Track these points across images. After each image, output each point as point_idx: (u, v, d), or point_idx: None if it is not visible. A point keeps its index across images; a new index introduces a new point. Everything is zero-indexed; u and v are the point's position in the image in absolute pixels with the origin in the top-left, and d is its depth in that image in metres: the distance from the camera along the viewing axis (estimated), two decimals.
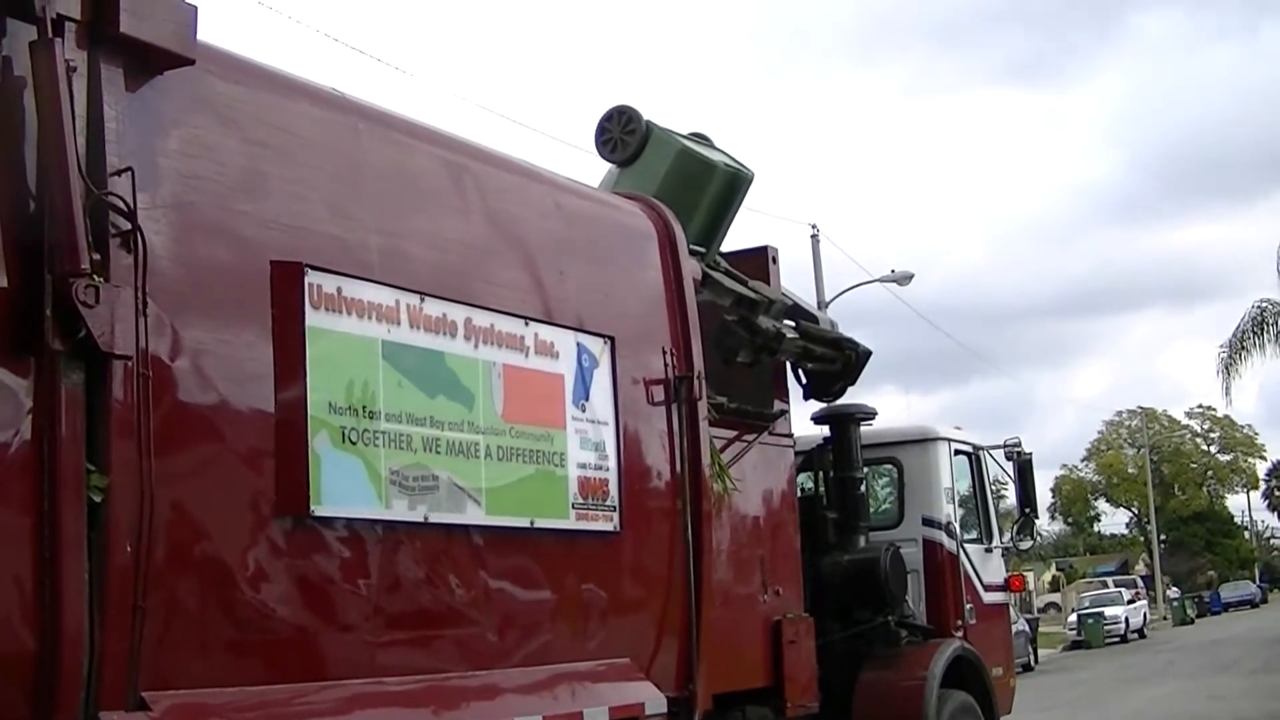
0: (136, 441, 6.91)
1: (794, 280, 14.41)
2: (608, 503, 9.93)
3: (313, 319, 7.88)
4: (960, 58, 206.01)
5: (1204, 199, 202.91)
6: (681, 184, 12.48)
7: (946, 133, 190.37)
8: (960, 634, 15.51)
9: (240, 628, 7.54)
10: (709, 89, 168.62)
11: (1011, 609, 20.80)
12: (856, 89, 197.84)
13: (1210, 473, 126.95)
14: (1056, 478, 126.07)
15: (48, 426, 6.63)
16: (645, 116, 12.75)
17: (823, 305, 44.50)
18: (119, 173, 6.99)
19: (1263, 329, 51.24)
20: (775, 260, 13.65)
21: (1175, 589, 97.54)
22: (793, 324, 13.74)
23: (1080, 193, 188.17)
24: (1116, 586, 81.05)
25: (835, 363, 14.52)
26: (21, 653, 6.52)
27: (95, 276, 6.73)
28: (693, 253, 12.08)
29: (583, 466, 9.75)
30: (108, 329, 6.74)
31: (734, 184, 13.08)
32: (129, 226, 6.98)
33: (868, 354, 14.72)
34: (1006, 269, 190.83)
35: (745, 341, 12.44)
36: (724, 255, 13.25)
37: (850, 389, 14.91)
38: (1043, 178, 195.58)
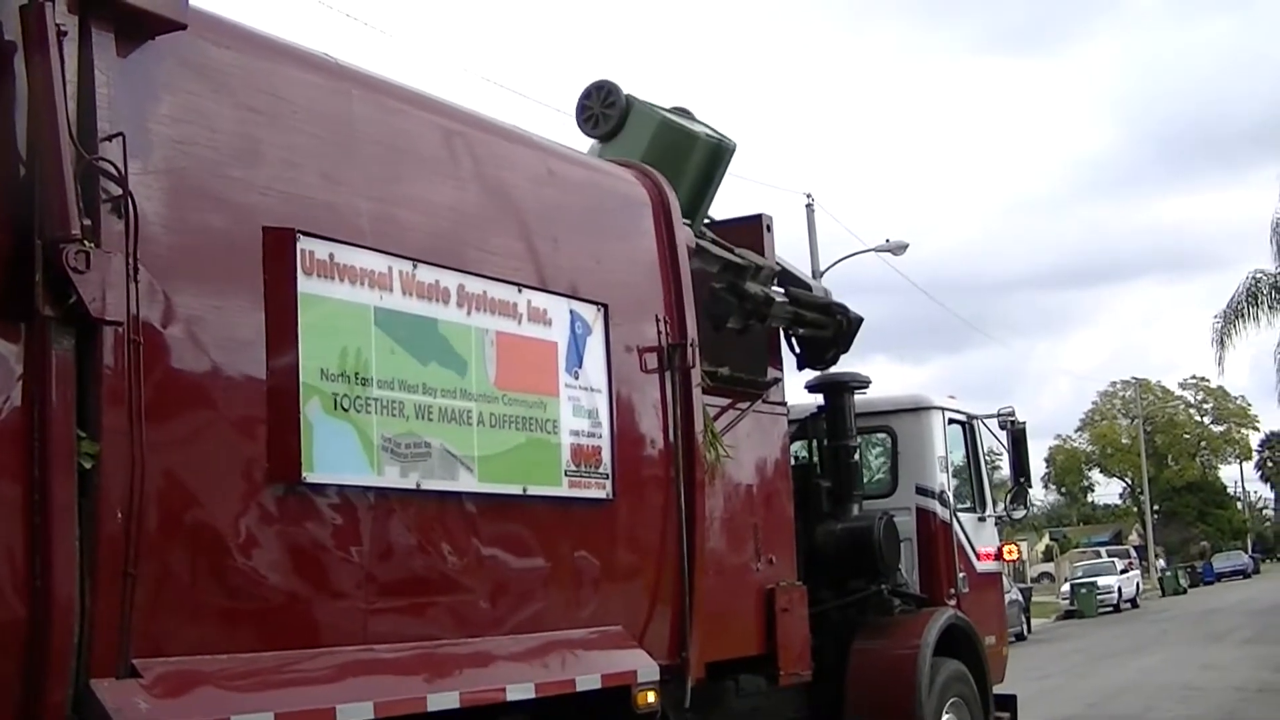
0: (127, 408, 6.88)
1: (789, 250, 14.36)
2: (600, 470, 9.91)
3: (305, 285, 7.85)
4: (950, 25, 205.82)
5: (1197, 170, 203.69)
6: (664, 156, 12.40)
7: (941, 103, 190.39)
8: (953, 603, 15.53)
9: (232, 595, 7.52)
10: (700, 58, 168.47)
11: (1005, 578, 20.83)
12: (848, 58, 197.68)
13: (1203, 443, 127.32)
14: (1050, 448, 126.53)
15: (38, 393, 6.61)
16: (625, 91, 12.70)
17: (818, 274, 44.59)
18: (110, 138, 6.94)
19: (1256, 300, 51.42)
20: (770, 229, 13.60)
21: (1162, 561, 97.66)
22: (782, 290, 13.71)
23: (1073, 163, 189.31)
24: (1110, 556, 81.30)
25: (827, 329, 14.51)
26: (12, 621, 6.51)
27: (86, 242, 6.69)
28: None
29: (576, 434, 9.72)
30: (99, 295, 6.71)
31: (716, 154, 13.06)
32: (120, 192, 6.95)
33: (859, 320, 14.72)
34: (1000, 239, 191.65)
35: (734, 307, 12.40)
36: (713, 224, 13.23)
37: (843, 357, 14.92)
38: (1036, 148, 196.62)
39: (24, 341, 6.64)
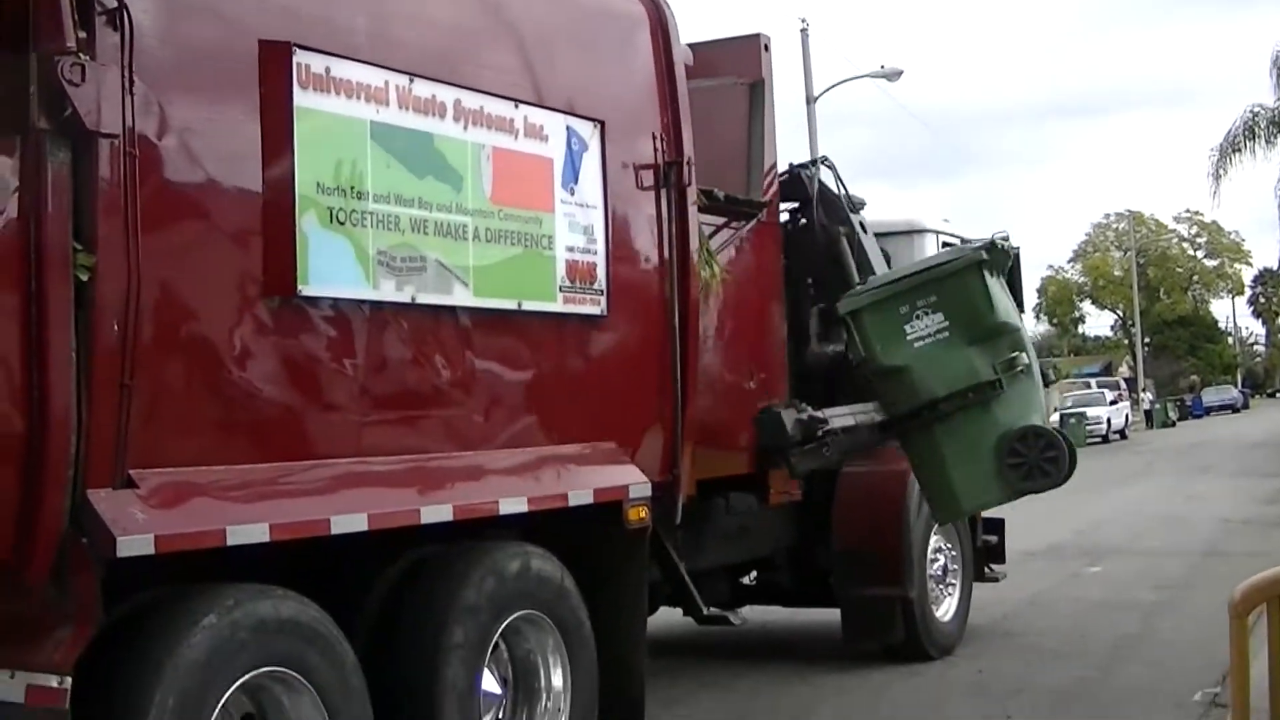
0: (123, 221, 6.89)
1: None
2: (595, 286, 9.93)
3: (301, 99, 7.81)
4: None
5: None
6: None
7: None
8: None
9: (227, 407, 7.57)
10: None
11: None
12: None
13: (1196, 277, 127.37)
14: (1043, 279, 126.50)
15: (34, 206, 6.61)
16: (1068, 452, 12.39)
17: (811, 101, 44.32)
18: None
19: (1254, 134, 51.25)
20: (767, 48, 13.50)
21: (1148, 395, 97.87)
22: None
23: None
24: (1099, 388, 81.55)
25: None
26: (10, 433, 6.58)
27: (81, 55, 6.66)
28: None
29: (570, 250, 9.71)
30: (94, 107, 6.69)
31: None
32: (115, 4, 6.89)
33: None
34: (997, 68, 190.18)
35: None
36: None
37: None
38: None
39: (19, 154, 6.63)
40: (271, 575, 7.69)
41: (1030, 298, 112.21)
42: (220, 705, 7.20)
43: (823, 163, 14.72)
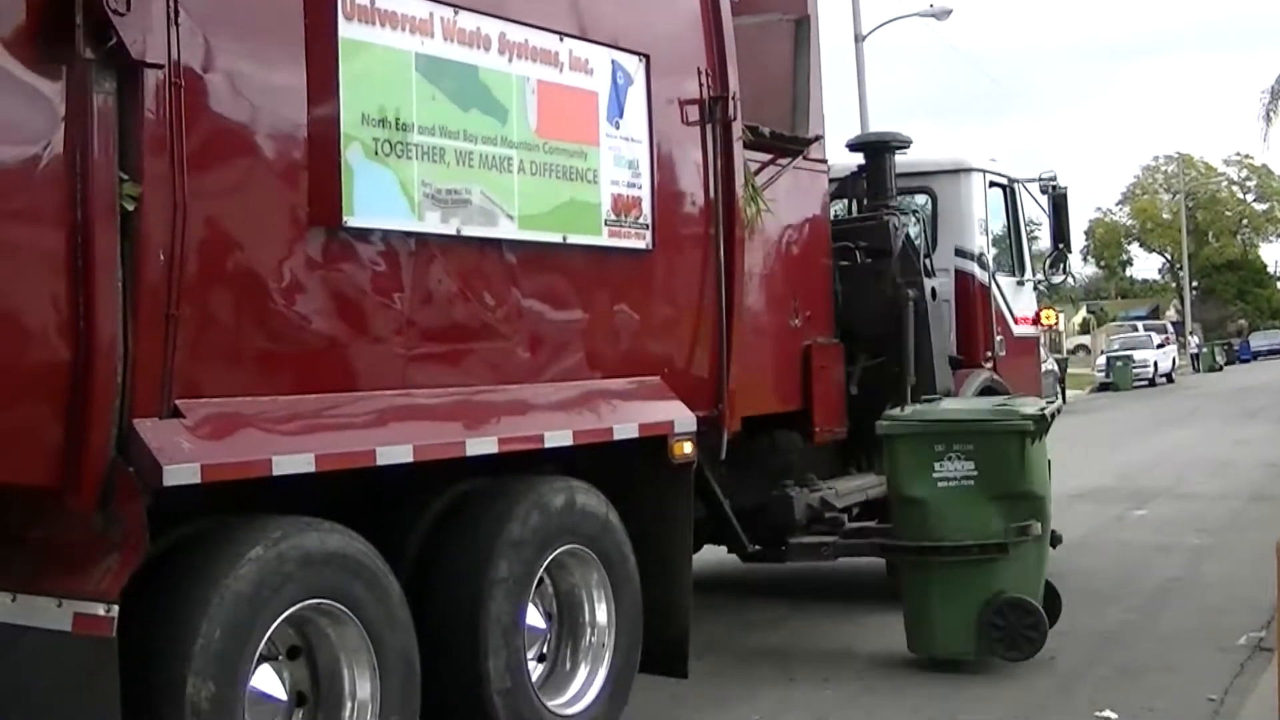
0: (169, 151, 6.89)
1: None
2: (640, 220, 9.89)
3: (346, 31, 7.78)
4: None
5: None
6: None
7: None
8: (990, 365, 15.54)
9: (273, 338, 7.58)
10: None
11: (1042, 347, 20.81)
12: None
13: (1245, 221, 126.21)
14: (1091, 221, 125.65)
15: (79, 136, 6.60)
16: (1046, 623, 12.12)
17: (859, 39, 44.11)
18: None
19: None
20: None
21: (1195, 339, 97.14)
22: None
23: None
24: (1147, 331, 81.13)
25: None
26: (56, 362, 6.58)
27: None
28: None
29: (616, 184, 9.67)
30: (140, 37, 6.68)
31: None
32: None
33: None
34: (1046, 7, 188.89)
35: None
36: None
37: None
38: None
39: (65, 85, 6.61)
40: (317, 510, 7.71)
41: (1078, 240, 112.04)
42: (266, 637, 7.24)
43: (910, 211, 14.75)
